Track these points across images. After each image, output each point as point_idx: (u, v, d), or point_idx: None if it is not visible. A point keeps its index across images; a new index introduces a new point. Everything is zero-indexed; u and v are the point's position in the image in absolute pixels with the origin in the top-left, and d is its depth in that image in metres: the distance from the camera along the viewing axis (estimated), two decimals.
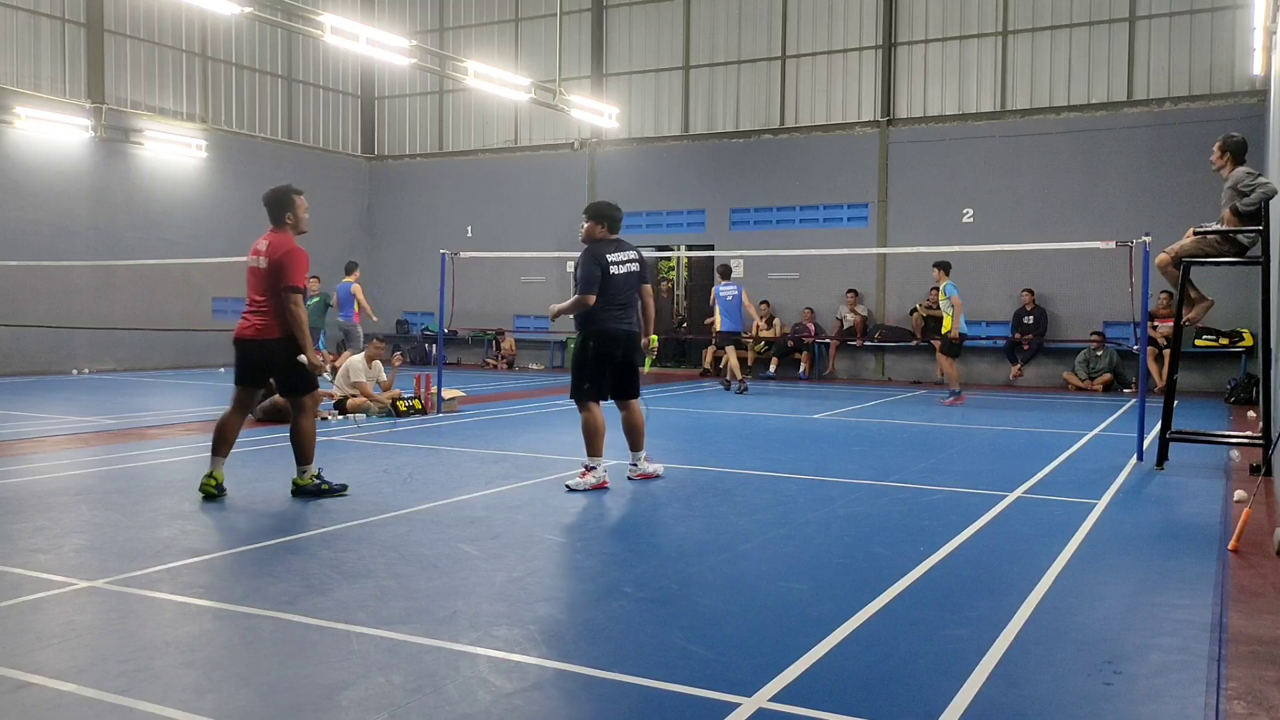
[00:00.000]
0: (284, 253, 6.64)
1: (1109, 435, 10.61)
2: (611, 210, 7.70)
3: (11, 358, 17.58)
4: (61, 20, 18.59)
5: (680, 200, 20.89)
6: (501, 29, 22.84)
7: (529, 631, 4.07)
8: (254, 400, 8.19)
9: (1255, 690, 3.52)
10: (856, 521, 6.20)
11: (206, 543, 5.50)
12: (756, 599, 4.59)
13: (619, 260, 7.43)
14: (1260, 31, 12.77)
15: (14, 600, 4.40)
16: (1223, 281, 12.42)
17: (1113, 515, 6.48)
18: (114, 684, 3.43)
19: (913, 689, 3.48)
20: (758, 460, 8.68)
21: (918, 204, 18.67)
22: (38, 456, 8.58)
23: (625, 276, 7.46)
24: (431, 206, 23.34)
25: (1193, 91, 16.96)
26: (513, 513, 6.38)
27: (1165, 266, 8.23)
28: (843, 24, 19.63)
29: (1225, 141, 8.03)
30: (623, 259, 7.46)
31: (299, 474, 6.88)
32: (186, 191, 20.50)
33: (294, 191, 6.85)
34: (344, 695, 3.37)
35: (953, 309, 13.95)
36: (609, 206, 7.72)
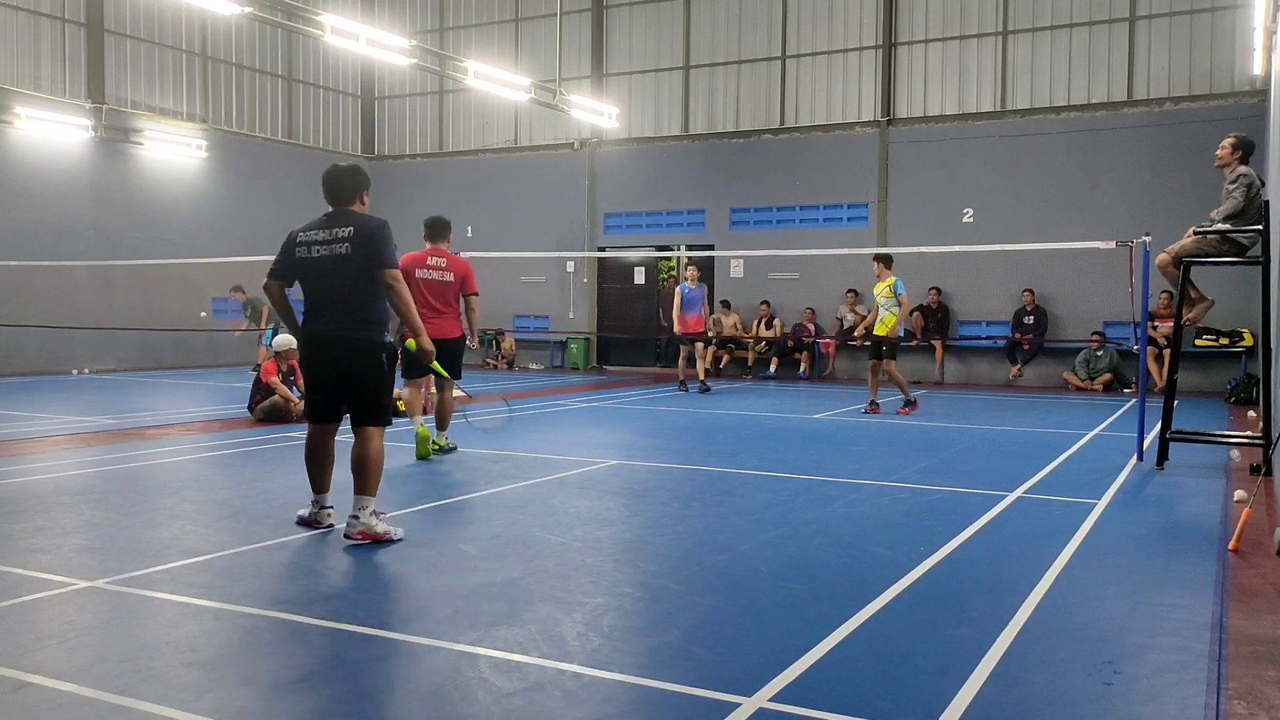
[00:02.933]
0: (465, 265, 9.20)
1: (1109, 435, 10.61)
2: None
3: (11, 358, 17.58)
4: (61, 20, 18.59)
5: (680, 200, 20.89)
6: (501, 29, 22.84)
7: (529, 631, 4.07)
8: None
9: (1255, 690, 3.52)
10: (856, 521, 6.20)
11: (206, 543, 5.50)
12: (756, 599, 4.58)
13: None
14: (1260, 31, 12.77)
15: (14, 600, 4.39)
16: (1223, 281, 12.41)
17: (1113, 515, 6.48)
18: (114, 684, 3.43)
19: (913, 689, 3.48)
20: (758, 460, 8.68)
21: (918, 204, 18.67)
22: (38, 456, 8.58)
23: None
24: (432, 206, 23.15)
25: (1193, 91, 16.96)
26: (513, 513, 6.38)
27: (1165, 266, 8.22)
28: (843, 24, 19.62)
29: (1239, 139, 7.99)
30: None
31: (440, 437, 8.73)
32: (186, 191, 20.50)
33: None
34: (343, 695, 3.37)
35: (899, 307, 12.82)
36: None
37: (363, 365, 5.63)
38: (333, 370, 5.68)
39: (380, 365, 5.65)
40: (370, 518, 5.55)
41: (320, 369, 5.74)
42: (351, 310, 5.59)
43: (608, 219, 21.61)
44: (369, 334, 5.62)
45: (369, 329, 5.62)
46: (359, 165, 6.11)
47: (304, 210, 24.27)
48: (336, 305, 5.61)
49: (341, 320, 5.60)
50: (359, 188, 5.81)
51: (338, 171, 5.80)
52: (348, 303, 5.59)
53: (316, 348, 5.70)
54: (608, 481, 7.59)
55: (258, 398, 11.18)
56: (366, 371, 5.63)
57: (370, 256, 5.56)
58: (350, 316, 5.59)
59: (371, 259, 5.56)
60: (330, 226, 5.66)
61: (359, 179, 5.83)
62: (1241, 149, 7.94)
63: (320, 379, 5.76)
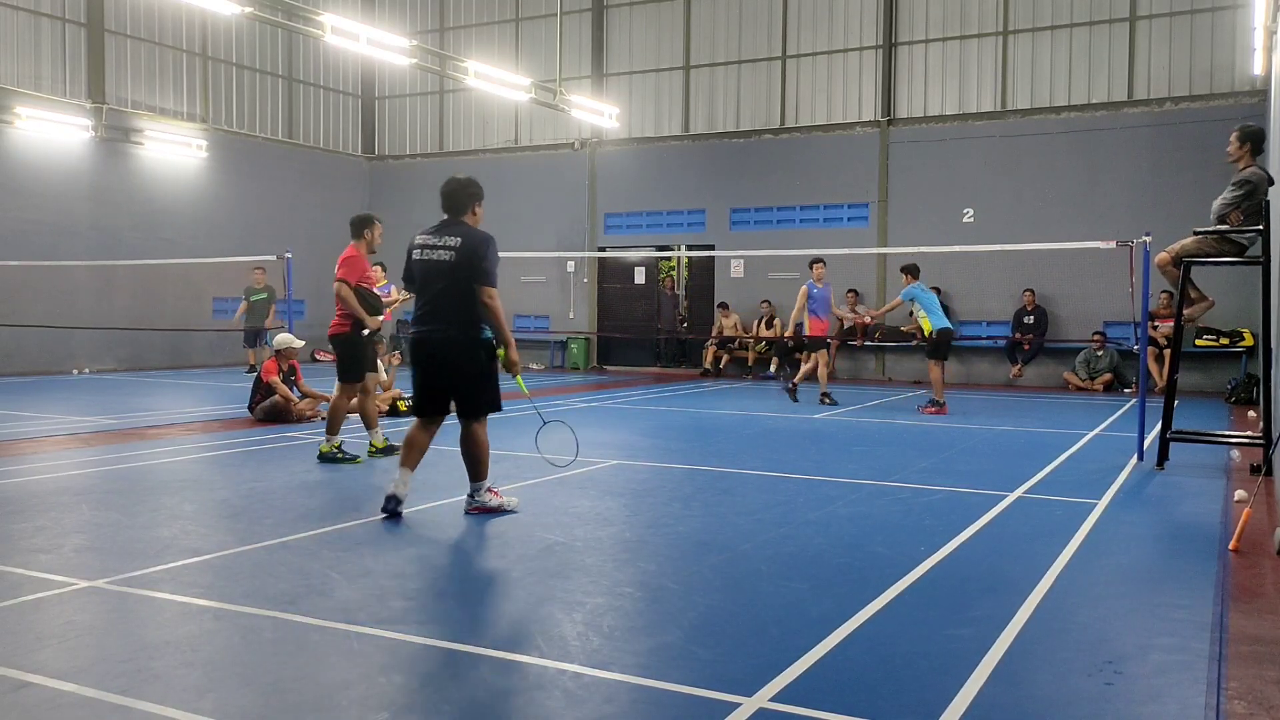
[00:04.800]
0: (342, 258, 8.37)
1: (1109, 435, 10.60)
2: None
3: (11, 358, 17.58)
4: (62, 20, 18.59)
5: (680, 200, 20.88)
6: (502, 29, 22.83)
7: (528, 631, 4.07)
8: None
9: (1256, 690, 3.52)
10: (857, 521, 6.20)
11: (206, 543, 5.50)
12: (756, 599, 4.58)
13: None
14: (1260, 31, 12.77)
15: (14, 600, 4.39)
16: (1223, 281, 12.43)
17: (1113, 515, 6.47)
18: (114, 684, 3.43)
19: (913, 689, 3.48)
20: (758, 460, 8.68)
21: (918, 204, 18.66)
22: (38, 456, 8.58)
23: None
24: (432, 207, 22.77)
25: (1193, 91, 16.96)
26: (512, 513, 6.37)
27: (1165, 266, 8.22)
28: (843, 24, 19.62)
29: (1243, 131, 7.92)
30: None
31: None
32: (186, 191, 20.49)
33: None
34: (344, 695, 3.37)
35: (922, 310, 12.93)
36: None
37: (462, 361, 6.04)
38: (436, 368, 6.10)
39: (480, 361, 6.05)
40: (484, 495, 6.23)
41: (426, 367, 6.15)
42: (452, 312, 6.00)
43: (608, 219, 21.61)
44: (468, 333, 6.02)
45: (468, 328, 6.02)
46: (473, 178, 6.39)
47: (304, 210, 24.31)
48: (438, 307, 6.03)
49: (442, 321, 6.02)
50: (471, 199, 6.23)
51: (453, 184, 6.25)
52: (448, 306, 6.00)
53: (422, 348, 6.13)
54: (608, 481, 7.59)
55: (258, 398, 11.17)
56: (466, 367, 6.04)
57: (471, 268, 5.96)
58: (450, 318, 6.01)
59: (473, 272, 5.96)
60: (441, 234, 6.13)
61: (472, 191, 6.24)
62: (1249, 140, 7.86)
63: (425, 377, 6.16)
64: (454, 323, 6.01)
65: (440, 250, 6.06)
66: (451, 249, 6.02)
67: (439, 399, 6.21)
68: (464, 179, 6.29)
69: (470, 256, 5.97)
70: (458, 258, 5.99)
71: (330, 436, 8.44)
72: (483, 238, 6.08)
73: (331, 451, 8.38)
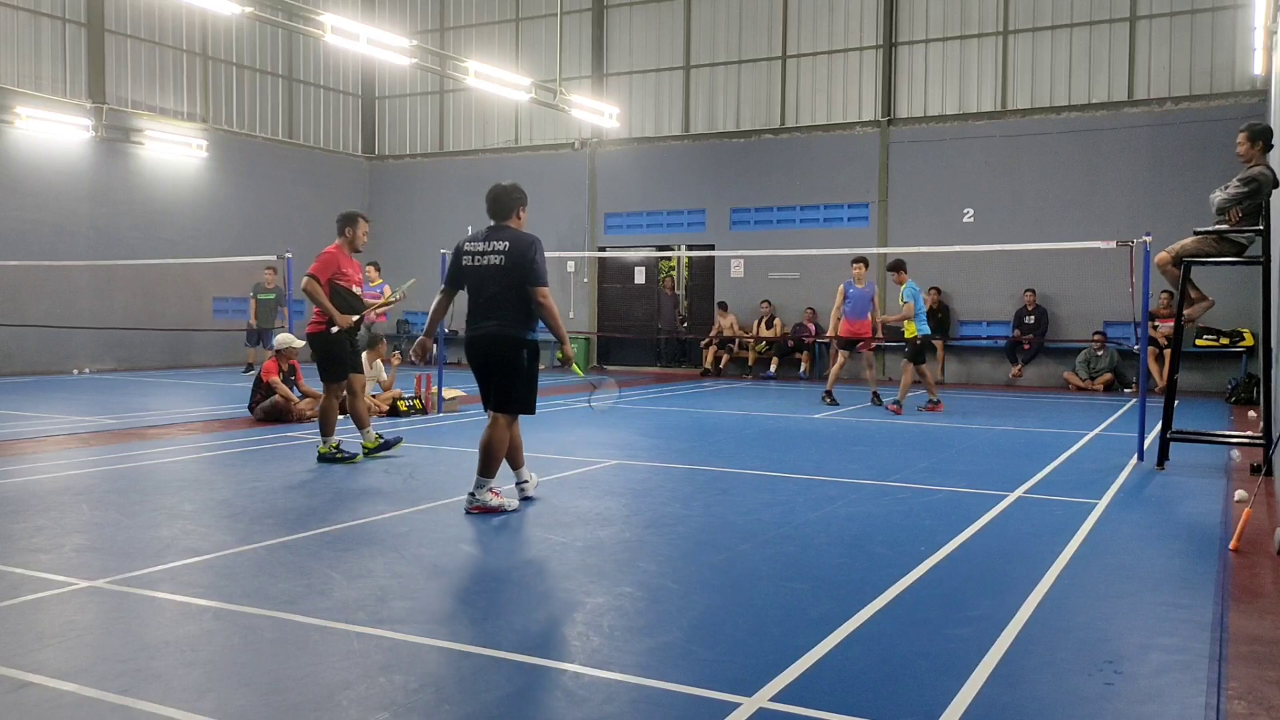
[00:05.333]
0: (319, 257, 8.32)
1: (1109, 435, 10.60)
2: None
3: (11, 358, 17.58)
4: (62, 20, 18.58)
5: (680, 200, 20.88)
6: (502, 29, 22.83)
7: (529, 631, 4.07)
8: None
9: (1256, 690, 3.52)
10: (857, 521, 6.20)
11: (206, 543, 5.50)
12: (756, 599, 4.58)
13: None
14: (1260, 31, 12.78)
15: (14, 600, 4.39)
16: (1223, 281, 12.41)
17: (1113, 515, 6.47)
18: (114, 684, 3.43)
19: (913, 689, 3.48)
20: (758, 460, 8.68)
21: (918, 204, 18.66)
22: (38, 456, 8.58)
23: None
24: (432, 206, 23.33)
25: (1193, 91, 16.96)
26: (513, 512, 6.37)
27: (1165, 266, 8.22)
28: (843, 24, 19.62)
29: (1253, 129, 7.87)
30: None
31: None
32: (186, 191, 20.49)
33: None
34: (344, 695, 3.37)
35: (903, 311, 12.78)
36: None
37: (504, 356, 6.29)
38: (485, 364, 6.36)
39: (519, 359, 6.30)
40: (485, 494, 6.35)
41: (479, 365, 6.41)
42: (504, 312, 6.26)
43: (608, 219, 21.61)
44: (517, 332, 6.29)
45: (517, 327, 6.29)
46: (517, 184, 6.60)
47: (304, 210, 24.29)
48: (491, 308, 6.28)
49: (494, 321, 6.26)
50: (516, 204, 6.48)
51: (498, 189, 6.50)
52: (500, 306, 6.26)
53: (475, 346, 6.37)
54: (608, 481, 7.60)
55: (258, 397, 11.18)
56: (505, 362, 6.30)
57: (522, 270, 6.22)
58: (502, 317, 6.26)
59: (524, 273, 6.23)
60: (489, 239, 6.37)
61: (516, 196, 6.49)
62: (1260, 139, 7.83)
63: (480, 374, 6.43)
64: (506, 322, 6.27)
65: (491, 255, 6.30)
66: (501, 253, 6.28)
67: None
68: (509, 185, 6.54)
69: (520, 259, 6.24)
70: (508, 261, 6.24)
71: (325, 438, 8.43)
72: (529, 239, 6.33)
73: (330, 452, 8.37)
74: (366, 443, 8.64)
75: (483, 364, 6.38)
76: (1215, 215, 7.89)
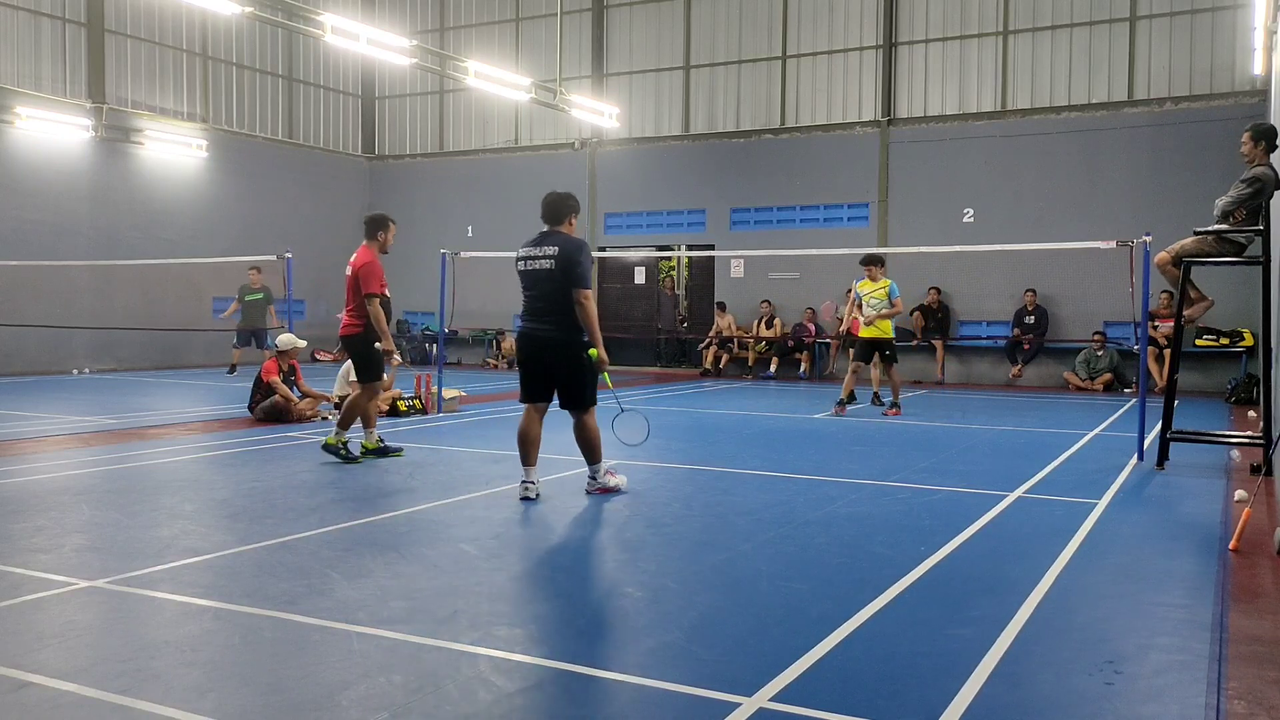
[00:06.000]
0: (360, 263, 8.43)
1: (1109, 435, 10.60)
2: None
3: (11, 358, 17.58)
4: (62, 20, 18.58)
5: (680, 200, 20.88)
6: (502, 29, 22.83)
7: (529, 631, 4.07)
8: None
9: (1256, 690, 3.52)
10: (857, 521, 6.20)
11: (206, 543, 5.50)
12: (756, 599, 4.58)
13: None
14: (1260, 31, 12.78)
15: (14, 600, 4.39)
16: (1223, 281, 12.41)
17: (1113, 515, 6.47)
18: (115, 684, 3.43)
19: (914, 689, 3.48)
20: (758, 460, 8.68)
21: (918, 204, 18.66)
22: (38, 456, 8.58)
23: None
24: (432, 206, 23.34)
25: (1193, 91, 16.96)
26: (512, 513, 6.38)
27: (1165, 266, 8.22)
28: (843, 24, 19.62)
29: (1256, 129, 7.88)
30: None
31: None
32: (186, 191, 20.49)
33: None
34: (344, 695, 3.37)
35: (890, 307, 12.38)
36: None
37: (570, 361, 6.71)
38: (543, 364, 6.79)
39: (581, 360, 6.72)
40: (605, 477, 6.96)
41: (532, 361, 6.83)
42: (556, 315, 6.64)
43: (608, 219, 21.61)
44: (572, 335, 6.67)
45: (571, 330, 6.66)
46: (571, 193, 6.99)
47: (304, 210, 24.19)
48: (544, 310, 6.68)
49: (548, 323, 6.67)
50: (569, 211, 6.84)
51: (553, 196, 6.86)
52: (552, 309, 6.64)
53: (529, 343, 6.82)
54: None
55: (258, 397, 11.17)
56: (573, 366, 6.72)
57: (567, 273, 6.57)
58: (555, 320, 6.65)
59: (569, 278, 6.57)
60: (540, 244, 6.75)
61: (570, 204, 6.85)
62: (1264, 139, 7.84)
63: (531, 368, 6.86)
64: (559, 325, 6.65)
65: (541, 259, 6.66)
66: (551, 257, 6.63)
67: (540, 388, 6.87)
68: (564, 193, 6.90)
69: (566, 262, 6.58)
70: (556, 265, 6.60)
71: (340, 431, 8.42)
72: (576, 244, 6.68)
73: (336, 445, 8.35)
74: (367, 442, 8.64)
75: (539, 364, 6.79)
76: (1218, 218, 7.89)
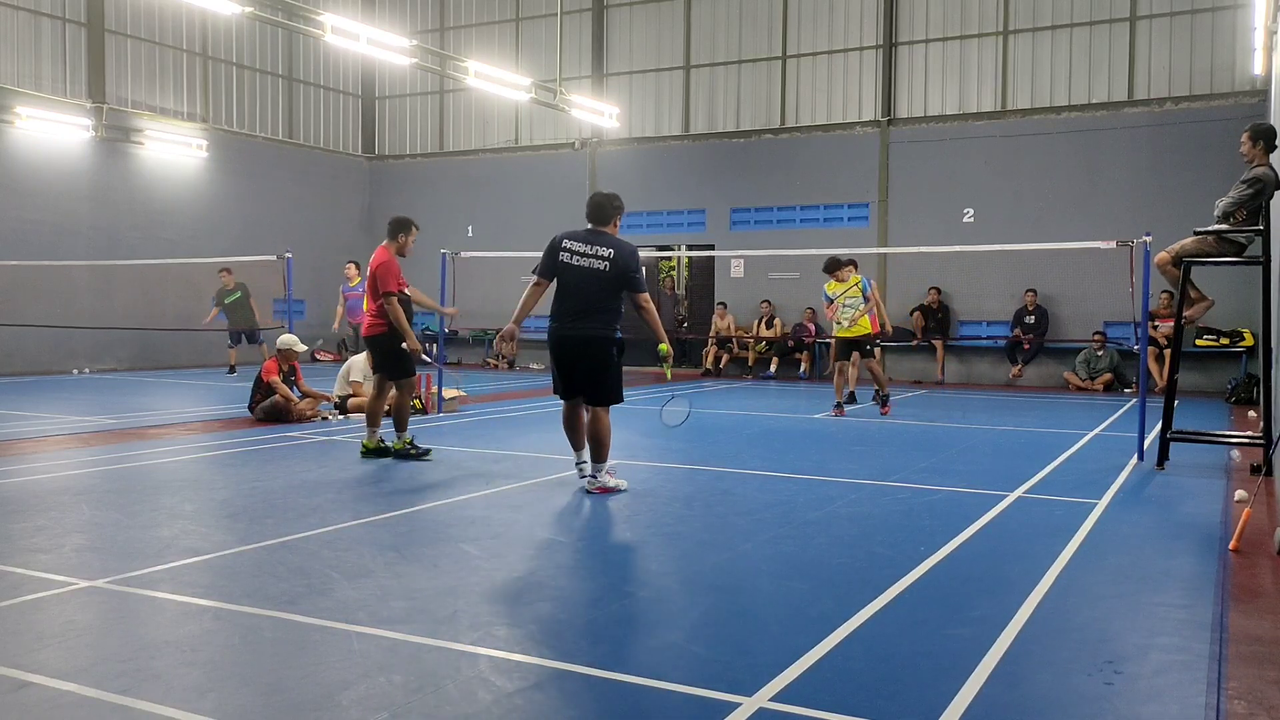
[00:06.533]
0: (374, 263, 8.48)
1: (1109, 435, 10.60)
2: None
3: (11, 358, 17.58)
4: (62, 20, 18.58)
5: (680, 200, 20.89)
6: (502, 29, 22.83)
7: (529, 631, 4.07)
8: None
9: (1256, 690, 3.52)
10: (857, 521, 6.20)
11: (206, 543, 5.50)
12: (756, 599, 4.58)
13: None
14: (1260, 31, 12.78)
15: (14, 600, 4.39)
16: (1223, 281, 12.41)
17: (1113, 515, 6.47)
18: (115, 684, 3.43)
19: (913, 689, 3.48)
20: (758, 460, 8.68)
21: (918, 204, 18.66)
22: (38, 456, 8.58)
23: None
24: (432, 206, 23.31)
25: (1193, 91, 16.96)
26: (513, 513, 6.38)
27: (1165, 266, 8.22)
28: (843, 24, 19.62)
29: (1256, 129, 7.87)
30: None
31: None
32: (186, 191, 20.49)
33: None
34: (344, 695, 3.37)
35: (865, 303, 12.32)
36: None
37: (596, 356, 6.80)
38: (575, 360, 6.86)
39: (610, 356, 6.82)
40: (605, 477, 6.92)
41: (567, 360, 6.90)
42: (598, 313, 6.77)
43: None
44: (606, 331, 6.80)
45: (608, 328, 6.80)
46: (617, 195, 7.12)
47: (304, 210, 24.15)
48: (585, 309, 6.77)
49: (588, 321, 6.76)
50: (616, 212, 7.01)
51: (600, 197, 7.02)
52: (597, 308, 6.76)
53: (562, 344, 6.90)
54: None
55: (258, 397, 11.17)
56: (598, 361, 6.81)
57: (626, 279, 6.77)
58: (596, 318, 6.77)
59: (627, 282, 6.78)
60: (591, 243, 6.84)
61: (616, 205, 7.01)
62: (1263, 139, 7.84)
63: (565, 367, 6.93)
64: (602, 324, 6.77)
65: (594, 259, 6.77)
66: (606, 259, 6.75)
67: (573, 385, 6.96)
68: (610, 194, 7.04)
69: (625, 268, 6.76)
70: (613, 269, 6.74)
71: (400, 434, 8.59)
72: (631, 250, 6.86)
73: (404, 448, 8.50)
74: (367, 442, 8.65)
75: (575, 361, 6.85)
76: (1219, 219, 7.89)
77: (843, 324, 12.46)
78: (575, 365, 6.88)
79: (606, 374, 6.86)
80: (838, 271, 12.54)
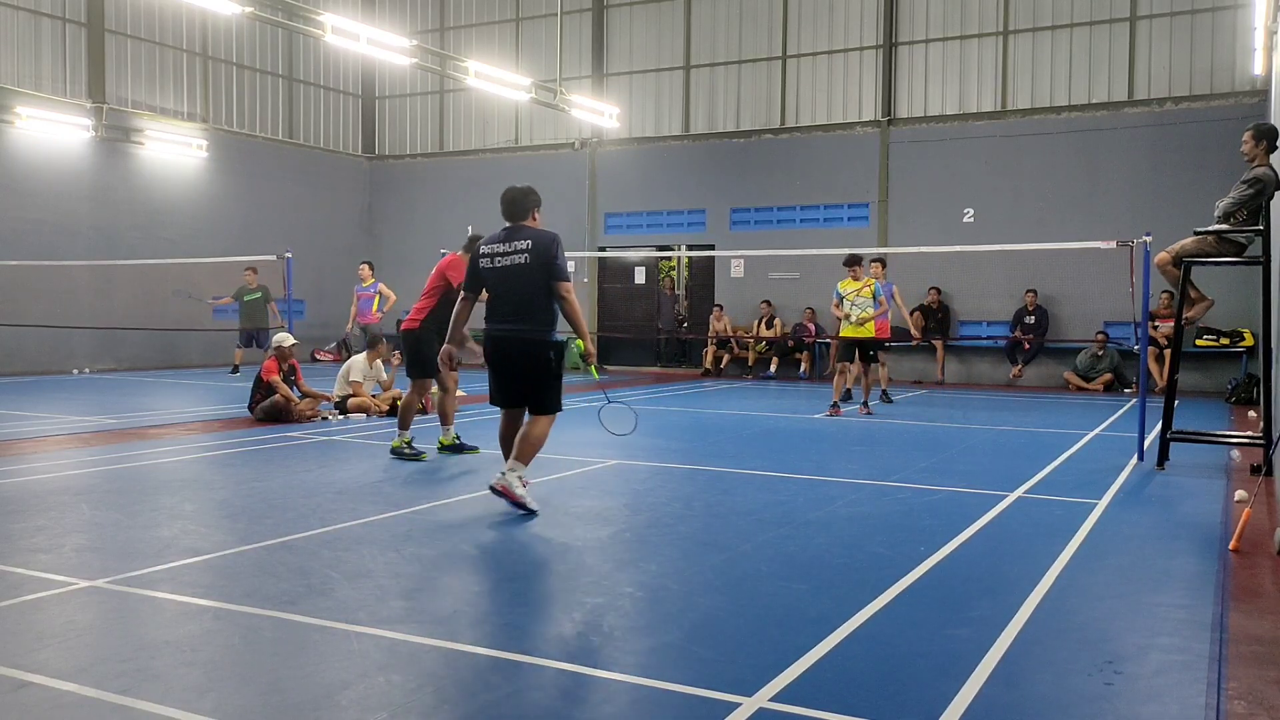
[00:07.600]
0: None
1: (1110, 435, 10.60)
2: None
3: (11, 358, 17.57)
4: (62, 20, 18.58)
5: (680, 200, 20.88)
6: (502, 29, 22.83)
7: (529, 631, 4.07)
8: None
9: (1256, 690, 3.52)
10: (857, 521, 6.20)
11: (206, 543, 5.50)
12: (756, 599, 4.58)
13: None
14: (1260, 31, 12.78)
15: (14, 600, 4.39)
16: (1223, 281, 12.41)
17: (1113, 515, 6.47)
18: (115, 684, 3.43)
19: (913, 689, 3.48)
20: (758, 460, 8.68)
21: (918, 204, 18.66)
22: (38, 456, 8.58)
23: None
24: (432, 206, 23.34)
25: (1193, 91, 16.96)
26: (513, 512, 6.37)
27: (1165, 266, 8.22)
28: (843, 24, 19.62)
29: (1258, 129, 7.88)
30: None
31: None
32: (186, 191, 20.49)
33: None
34: (344, 695, 3.37)
35: (875, 308, 12.37)
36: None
37: (535, 361, 6.41)
38: (513, 365, 6.47)
39: (549, 361, 6.43)
40: (514, 479, 6.29)
41: (503, 364, 6.51)
42: (529, 312, 6.34)
43: (608, 219, 21.61)
44: (542, 334, 6.39)
45: (542, 330, 6.39)
46: (532, 187, 6.75)
47: (304, 210, 24.18)
48: (516, 308, 6.36)
49: (520, 321, 6.35)
50: (531, 205, 6.62)
51: (514, 192, 6.62)
52: (526, 306, 6.34)
53: (499, 346, 6.46)
54: (608, 481, 7.60)
55: (258, 397, 11.17)
56: (539, 367, 6.42)
57: (546, 267, 6.33)
58: (528, 318, 6.35)
59: (548, 270, 6.33)
60: (510, 239, 6.46)
61: (531, 198, 6.63)
62: (1265, 138, 7.85)
63: (502, 372, 6.54)
64: (535, 323, 6.36)
65: (513, 255, 6.40)
66: (524, 251, 6.37)
67: (513, 393, 6.57)
68: (524, 187, 6.67)
69: (543, 256, 6.35)
70: (532, 259, 6.35)
71: (401, 432, 8.66)
72: (550, 236, 6.46)
73: (401, 446, 8.59)
74: (444, 439, 8.87)
75: (510, 366, 6.48)
76: (1219, 220, 7.89)
77: (851, 318, 12.45)
78: (514, 371, 6.48)
79: (547, 381, 6.44)
80: (854, 268, 12.53)
